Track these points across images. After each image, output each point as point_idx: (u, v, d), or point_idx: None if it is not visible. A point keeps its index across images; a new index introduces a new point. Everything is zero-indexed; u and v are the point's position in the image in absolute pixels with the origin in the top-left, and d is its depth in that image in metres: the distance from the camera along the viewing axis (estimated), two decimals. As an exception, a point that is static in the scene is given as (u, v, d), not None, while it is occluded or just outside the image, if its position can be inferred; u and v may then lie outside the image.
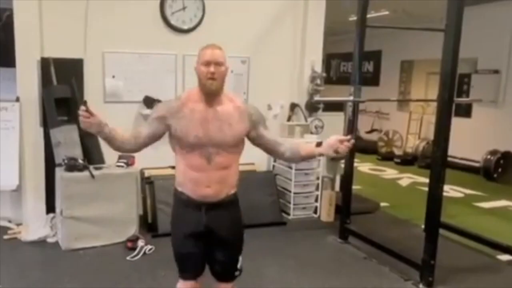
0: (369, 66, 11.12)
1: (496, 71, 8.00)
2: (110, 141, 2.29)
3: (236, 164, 2.35)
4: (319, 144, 2.33)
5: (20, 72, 4.31)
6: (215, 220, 2.30)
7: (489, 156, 7.64)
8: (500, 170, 7.57)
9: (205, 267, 2.42)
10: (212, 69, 2.16)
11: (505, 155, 7.57)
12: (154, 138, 2.29)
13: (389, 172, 8.23)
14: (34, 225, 4.33)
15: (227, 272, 2.44)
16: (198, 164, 2.23)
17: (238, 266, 2.44)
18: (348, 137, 2.28)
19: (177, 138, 2.24)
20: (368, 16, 4.35)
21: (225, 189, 2.30)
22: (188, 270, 2.41)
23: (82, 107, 2.12)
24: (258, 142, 2.38)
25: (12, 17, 4.26)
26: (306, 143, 2.48)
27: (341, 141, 2.25)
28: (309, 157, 2.48)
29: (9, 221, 4.47)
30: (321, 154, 2.40)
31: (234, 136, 2.25)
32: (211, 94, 2.21)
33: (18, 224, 4.44)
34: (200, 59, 2.21)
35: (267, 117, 2.66)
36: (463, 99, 7.99)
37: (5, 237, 4.25)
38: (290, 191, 5.17)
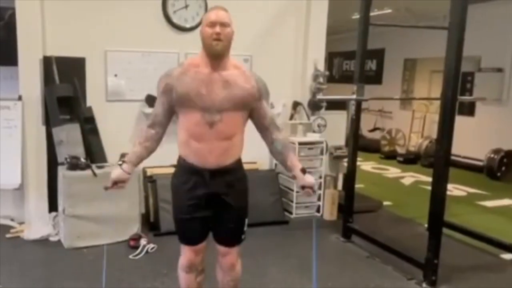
0: (372, 65, 11.09)
1: (500, 70, 7.96)
2: (141, 162, 2.43)
3: (240, 134, 2.30)
4: (303, 171, 2.33)
5: (22, 71, 4.30)
6: (219, 185, 2.28)
7: (492, 155, 7.61)
8: (503, 168, 7.54)
9: (208, 233, 2.41)
10: (217, 29, 2.12)
11: (509, 154, 7.54)
12: (169, 114, 2.29)
13: (392, 171, 8.22)
14: (36, 223, 4.33)
15: (233, 235, 2.41)
16: (201, 131, 2.18)
17: (244, 229, 2.42)
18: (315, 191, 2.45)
19: (181, 102, 2.20)
20: (371, 14, 4.33)
21: (228, 159, 2.28)
22: (189, 235, 2.39)
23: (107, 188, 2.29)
24: (256, 114, 2.32)
25: (14, 16, 4.25)
26: (296, 159, 2.44)
27: (310, 187, 2.33)
28: (287, 169, 2.43)
29: (12, 220, 4.48)
30: (294, 178, 2.38)
31: (239, 98, 2.20)
32: (216, 56, 2.16)
33: (21, 223, 4.45)
34: (205, 21, 2.18)
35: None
36: (466, 98, 7.96)
37: (8, 235, 4.25)
38: (292, 190, 5.16)
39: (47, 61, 4.35)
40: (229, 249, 2.42)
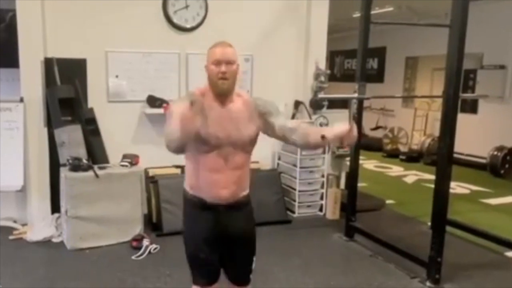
0: (373, 63, 11.08)
1: (502, 67, 7.94)
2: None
3: (248, 163, 2.29)
4: (323, 137, 2.17)
5: (24, 73, 4.31)
6: (231, 221, 2.24)
7: (495, 152, 7.59)
8: (506, 166, 7.53)
9: (220, 273, 2.37)
10: (223, 68, 2.08)
11: (512, 151, 7.53)
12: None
13: (395, 169, 8.20)
14: (39, 225, 4.34)
15: (243, 273, 2.41)
16: (216, 165, 2.15)
17: (253, 266, 2.41)
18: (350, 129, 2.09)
19: (198, 136, 2.08)
20: (372, 12, 4.31)
21: (240, 190, 2.25)
22: (204, 276, 2.34)
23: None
24: (271, 132, 2.29)
25: (15, 18, 4.26)
26: (314, 129, 2.36)
27: (346, 131, 2.10)
28: (318, 146, 2.47)
29: (15, 222, 4.49)
30: (328, 144, 2.33)
31: (250, 135, 2.20)
32: (223, 94, 2.14)
33: (24, 224, 4.46)
34: (210, 58, 2.13)
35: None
36: (469, 95, 7.93)
37: (11, 237, 4.25)
38: (295, 189, 5.16)
39: (48, 63, 4.35)
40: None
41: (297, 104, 5.45)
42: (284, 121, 2.31)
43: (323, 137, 2.17)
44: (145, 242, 4.06)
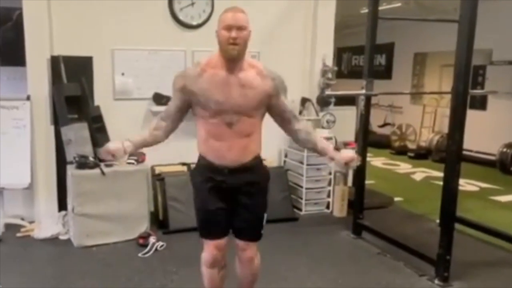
0: (381, 59, 10.99)
1: (512, 62, 7.84)
2: (143, 148, 2.46)
3: (258, 131, 2.34)
4: (337, 149, 2.44)
5: (30, 71, 4.32)
6: (238, 180, 2.31)
7: (505, 149, 7.51)
8: (516, 163, 7.44)
9: (229, 229, 2.44)
10: (234, 34, 2.10)
11: (522, 148, 7.43)
12: (181, 112, 2.31)
13: (403, 167, 8.14)
14: (46, 222, 4.35)
15: (252, 230, 2.43)
16: (220, 132, 2.21)
17: (263, 223, 2.46)
18: (359, 158, 2.44)
19: (198, 104, 2.22)
20: (380, 8, 4.28)
21: (248, 156, 2.30)
22: (215, 228, 2.40)
23: (102, 155, 2.30)
24: (276, 110, 2.35)
25: (22, 16, 4.26)
26: (325, 141, 2.53)
27: (353, 160, 2.38)
28: (321, 153, 2.48)
29: (22, 219, 4.51)
30: (332, 159, 2.43)
31: (256, 100, 2.23)
32: (232, 60, 2.15)
33: (31, 222, 4.47)
34: (221, 23, 2.15)
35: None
36: (478, 91, 7.83)
37: (18, 234, 4.27)
38: (302, 187, 5.13)
39: (54, 61, 4.35)
40: (248, 244, 2.45)
41: (304, 101, 5.42)
42: (293, 107, 2.49)
43: (336, 149, 2.44)
44: (152, 239, 4.06)
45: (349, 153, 2.39)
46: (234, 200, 2.37)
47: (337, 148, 2.45)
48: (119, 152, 2.27)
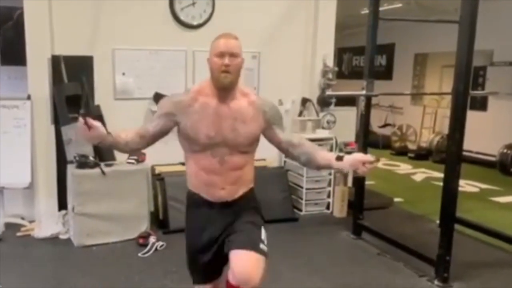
0: (382, 60, 10.98)
1: (513, 63, 7.84)
2: (113, 147, 2.25)
3: (250, 163, 2.20)
4: (339, 158, 2.12)
5: (31, 70, 4.33)
6: (231, 214, 2.15)
7: (505, 150, 7.49)
8: (516, 164, 7.43)
9: (221, 272, 2.31)
10: (226, 61, 1.97)
11: (522, 149, 7.43)
12: (161, 134, 2.14)
13: (403, 167, 8.13)
14: (46, 222, 4.35)
15: (248, 237, 2.10)
16: (210, 166, 2.07)
17: (261, 237, 2.14)
18: (373, 158, 2.08)
19: (186, 136, 2.07)
20: (381, 8, 4.27)
21: (240, 189, 2.16)
22: (204, 277, 2.32)
23: (81, 120, 1.92)
24: (270, 140, 2.21)
25: (22, 15, 4.27)
26: (325, 151, 2.29)
27: (364, 163, 2.06)
28: (326, 168, 2.33)
29: (22, 218, 4.51)
30: (339, 169, 2.23)
31: (248, 136, 2.08)
32: (224, 88, 2.02)
33: (31, 221, 4.47)
34: (213, 50, 2.02)
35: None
36: (478, 92, 7.82)
37: (18, 234, 4.27)
38: (302, 187, 5.13)
39: (55, 60, 4.35)
40: (245, 252, 2.03)
41: (305, 101, 5.43)
42: (290, 136, 2.26)
43: (339, 158, 2.11)
44: (152, 239, 4.06)
45: (354, 159, 2.09)
46: (226, 235, 2.16)
47: (338, 158, 2.12)
48: (98, 132, 1.98)
